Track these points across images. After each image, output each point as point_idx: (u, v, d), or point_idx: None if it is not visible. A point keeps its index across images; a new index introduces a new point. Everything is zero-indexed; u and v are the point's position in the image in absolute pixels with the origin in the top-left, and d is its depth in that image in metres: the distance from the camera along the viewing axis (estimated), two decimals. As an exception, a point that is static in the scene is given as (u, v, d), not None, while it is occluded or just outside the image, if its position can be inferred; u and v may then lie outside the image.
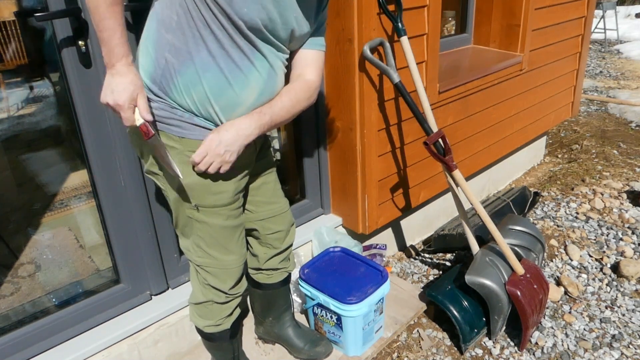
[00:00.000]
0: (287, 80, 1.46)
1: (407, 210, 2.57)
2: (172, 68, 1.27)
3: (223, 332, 1.65)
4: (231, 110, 1.32)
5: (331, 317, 1.92)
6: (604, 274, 2.49)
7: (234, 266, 1.54)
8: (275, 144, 2.60)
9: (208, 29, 1.23)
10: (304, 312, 2.14)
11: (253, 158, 1.52)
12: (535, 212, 3.08)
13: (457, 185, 2.06)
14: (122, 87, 1.20)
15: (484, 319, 2.08)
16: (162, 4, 1.26)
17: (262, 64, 1.32)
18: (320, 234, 2.29)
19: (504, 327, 2.13)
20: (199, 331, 1.68)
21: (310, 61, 1.46)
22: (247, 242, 1.77)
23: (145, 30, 1.32)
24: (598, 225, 2.89)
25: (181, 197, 1.41)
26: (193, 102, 1.29)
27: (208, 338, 1.68)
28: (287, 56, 1.42)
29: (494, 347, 2.06)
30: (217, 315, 1.60)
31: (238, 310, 1.67)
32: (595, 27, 7.89)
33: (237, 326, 1.70)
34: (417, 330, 2.15)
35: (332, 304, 1.87)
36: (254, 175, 1.61)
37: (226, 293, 1.56)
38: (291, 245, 1.79)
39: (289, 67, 1.46)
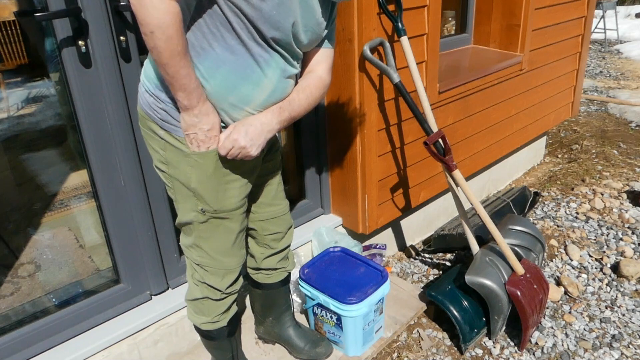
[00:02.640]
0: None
1: (407, 210, 2.57)
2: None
3: (220, 329, 1.65)
4: (241, 108, 1.31)
5: (331, 317, 1.92)
6: (604, 274, 2.49)
7: (233, 267, 1.55)
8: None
9: (229, 26, 1.21)
10: (304, 312, 2.14)
11: (260, 161, 1.52)
12: (535, 212, 3.08)
13: (457, 185, 2.06)
14: (209, 125, 1.28)
15: (484, 319, 2.08)
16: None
17: (278, 63, 1.31)
18: (320, 234, 2.29)
19: (504, 327, 2.13)
20: (197, 329, 1.68)
21: (322, 59, 1.46)
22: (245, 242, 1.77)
23: None
24: (598, 225, 2.89)
25: (187, 198, 1.41)
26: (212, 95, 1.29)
27: (206, 336, 1.69)
28: (301, 58, 1.42)
29: (494, 347, 2.06)
30: (213, 312, 1.61)
31: (235, 308, 1.67)
32: (595, 27, 7.89)
33: (234, 324, 1.71)
34: (417, 330, 2.15)
35: (332, 304, 1.87)
36: (259, 177, 1.60)
37: (222, 291, 1.57)
38: (288, 246, 1.79)
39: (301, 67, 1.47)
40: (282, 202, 1.71)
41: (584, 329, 2.15)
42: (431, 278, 2.52)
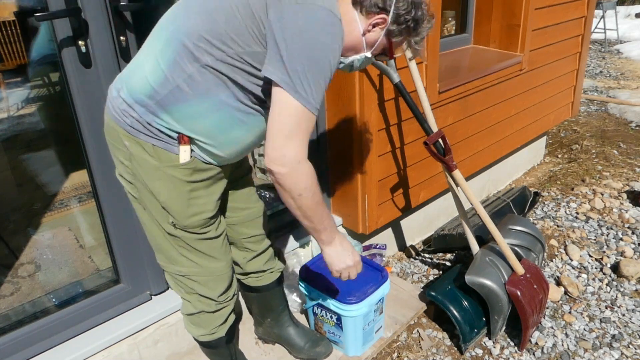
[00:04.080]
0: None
1: (407, 210, 2.57)
2: (180, 95, 1.22)
3: (218, 339, 1.64)
4: (226, 147, 1.30)
5: (331, 317, 1.92)
6: (604, 274, 2.49)
7: (221, 272, 1.52)
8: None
9: (244, 92, 1.23)
10: (304, 312, 2.14)
11: (229, 172, 1.48)
12: (535, 212, 3.08)
13: (457, 185, 2.06)
14: (351, 248, 1.42)
15: (484, 319, 2.08)
16: (191, 39, 1.19)
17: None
18: (320, 234, 2.29)
19: (504, 327, 2.13)
20: (195, 339, 1.67)
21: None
22: None
23: (160, 42, 1.24)
24: (598, 225, 2.89)
25: (158, 211, 1.37)
26: (187, 129, 1.26)
27: (204, 345, 1.68)
28: None
29: (494, 347, 2.06)
30: (210, 325, 1.59)
31: (232, 317, 1.65)
32: (595, 27, 7.89)
33: (232, 331, 1.69)
34: (417, 330, 2.15)
35: (332, 304, 1.86)
36: (230, 182, 1.56)
37: (215, 300, 1.54)
38: (270, 245, 1.77)
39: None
40: (255, 205, 1.68)
41: (584, 329, 2.15)
42: (431, 278, 2.52)
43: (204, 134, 1.27)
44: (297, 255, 2.27)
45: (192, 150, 1.30)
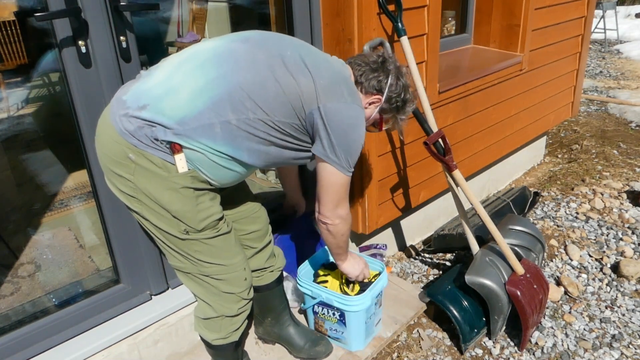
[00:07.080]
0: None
1: (407, 210, 2.57)
2: (211, 132, 1.28)
3: (230, 344, 1.65)
4: (213, 178, 1.39)
5: (333, 314, 1.91)
6: (604, 274, 2.49)
7: (241, 265, 1.54)
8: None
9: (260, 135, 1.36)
10: (303, 312, 2.14)
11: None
12: (535, 212, 3.08)
13: (457, 185, 2.06)
14: (357, 257, 1.84)
15: (484, 319, 2.08)
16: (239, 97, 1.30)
17: None
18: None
19: (504, 327, 2.13)
20: (204, 341, 1.67)
21: None
22: None
23: (201, 79, 1.30)
24: (598, 225, 2.89)
25: (168, 221, 1.38)
26: (199, 158, 1.32)
27: (214, 348, 1.68)
28: None
29: (494, 347, 2.06)
30: (226, 329, 1.60)
31: (246, 322, 1.66)
32: (595, 27, 7.89)
33: (242, 336, 1.70)
34: (417, 330, 2.15)
35: (336, 300, 1.86)
36: None
37: (241, 297, 1.55)
38: (271, 241, 1.79)
39: None
40: (251, 201, 1.71)
41: (584, 329, 2.15)
42: (431, 278, 2.52)
43: (215, 177, 1.37)
44: (297, 255, 2.27)
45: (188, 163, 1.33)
